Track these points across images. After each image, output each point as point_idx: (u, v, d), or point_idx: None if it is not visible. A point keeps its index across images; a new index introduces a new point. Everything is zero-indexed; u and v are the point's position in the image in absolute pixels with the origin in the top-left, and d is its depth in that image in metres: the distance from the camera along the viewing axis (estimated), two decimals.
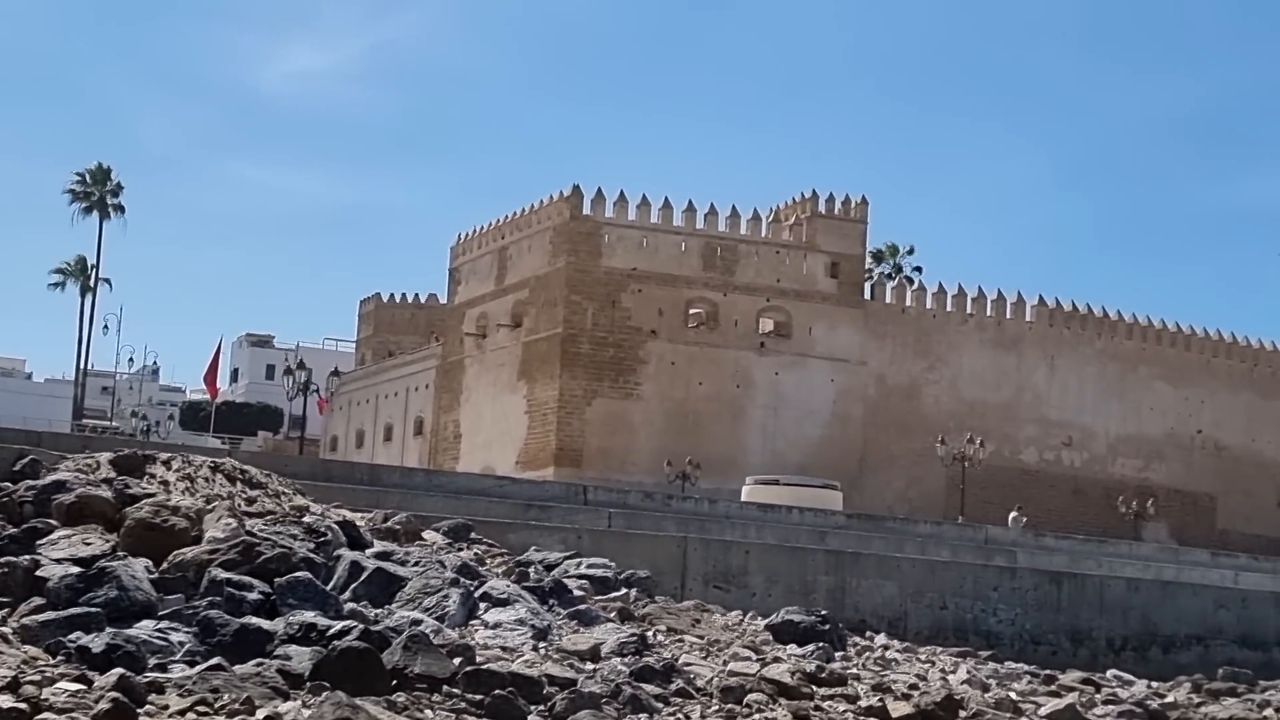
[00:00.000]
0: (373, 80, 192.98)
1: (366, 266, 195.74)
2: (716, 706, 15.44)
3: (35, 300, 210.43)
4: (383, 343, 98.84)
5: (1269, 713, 22.25)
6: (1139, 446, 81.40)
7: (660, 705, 14.99)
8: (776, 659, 18.36)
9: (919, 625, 29.65)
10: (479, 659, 15.16)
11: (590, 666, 16.01)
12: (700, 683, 16.32)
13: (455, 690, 13.90)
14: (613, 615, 19.31)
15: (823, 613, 22.22)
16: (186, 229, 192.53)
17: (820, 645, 20.11)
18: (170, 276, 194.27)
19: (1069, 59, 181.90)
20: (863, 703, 16.71)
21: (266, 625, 14.97)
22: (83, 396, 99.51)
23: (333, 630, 14.76)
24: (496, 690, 13.87)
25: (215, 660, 13.57)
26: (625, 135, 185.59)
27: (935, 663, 22.83)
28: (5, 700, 11.62)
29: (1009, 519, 58.67)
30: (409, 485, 33.27)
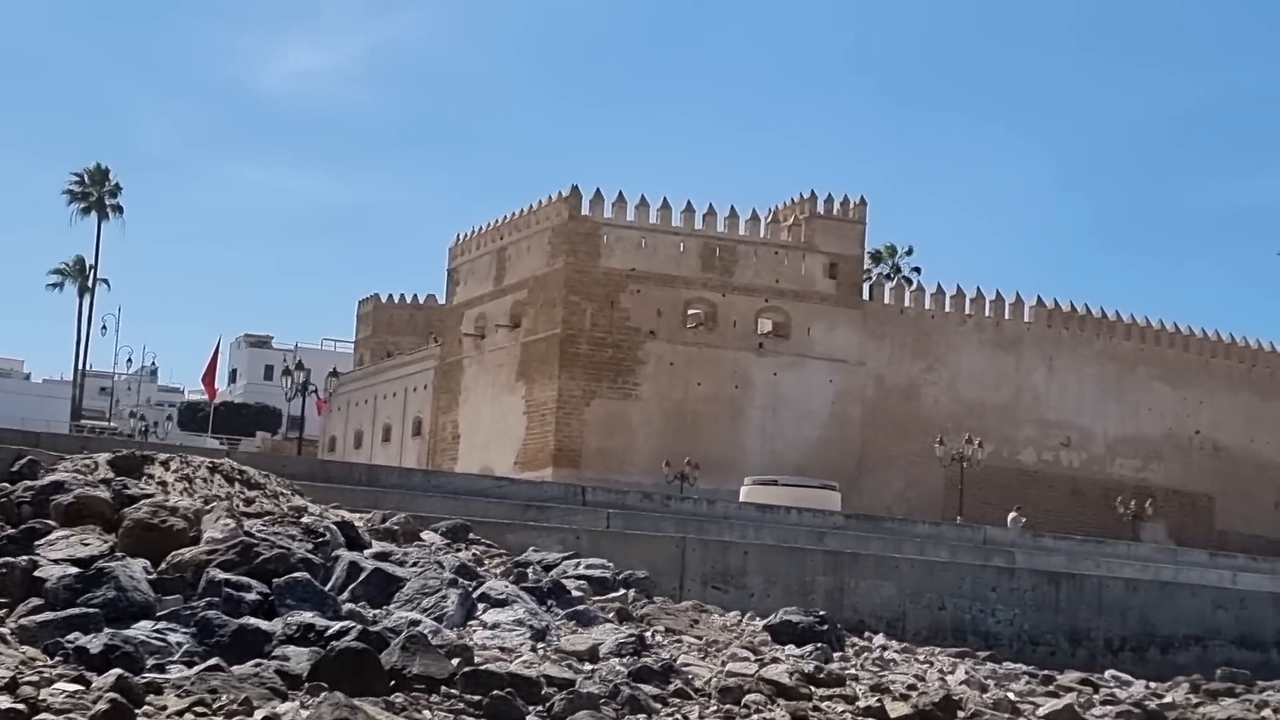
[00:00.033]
0: (372, 80, 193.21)
1: (365, 267, 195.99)
2: (715, 707, 15.43)
3: (33, 301, 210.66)
4: (381, 343, 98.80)
5: (1267, 713, 22.25)
6: (1137, 447, 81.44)
7: (658, 706, 14.98)
8: (775, 659, 18.36)
9: (917, 626, 29.64)
10: (477, 659, 15.15)
11: (588, 667, 16.00)
12: (698, 683, 16.31)
13: (453, 691, 13.90)
14: (611, 616, 19.30)
15: (821, 613, 22.21)
16: (185, 229, 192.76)
17: (818, 646, 20.10)
18: (169, 277, 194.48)
19: (1068, 59, 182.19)
20: (861, 703, 16.71)
21: (265, 626, 14.96)
22: (81, 397, 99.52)
23: (331, 631, 14.75)
24: (495, 691, 13.87)
25: (213, 661, 13.55)
26: (624, 135, 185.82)
27: (933, 663, 22.83)
28: (3, 701, 11.62)
29: (1008, 519, 58.65)
30: (407, 486, 33.26)
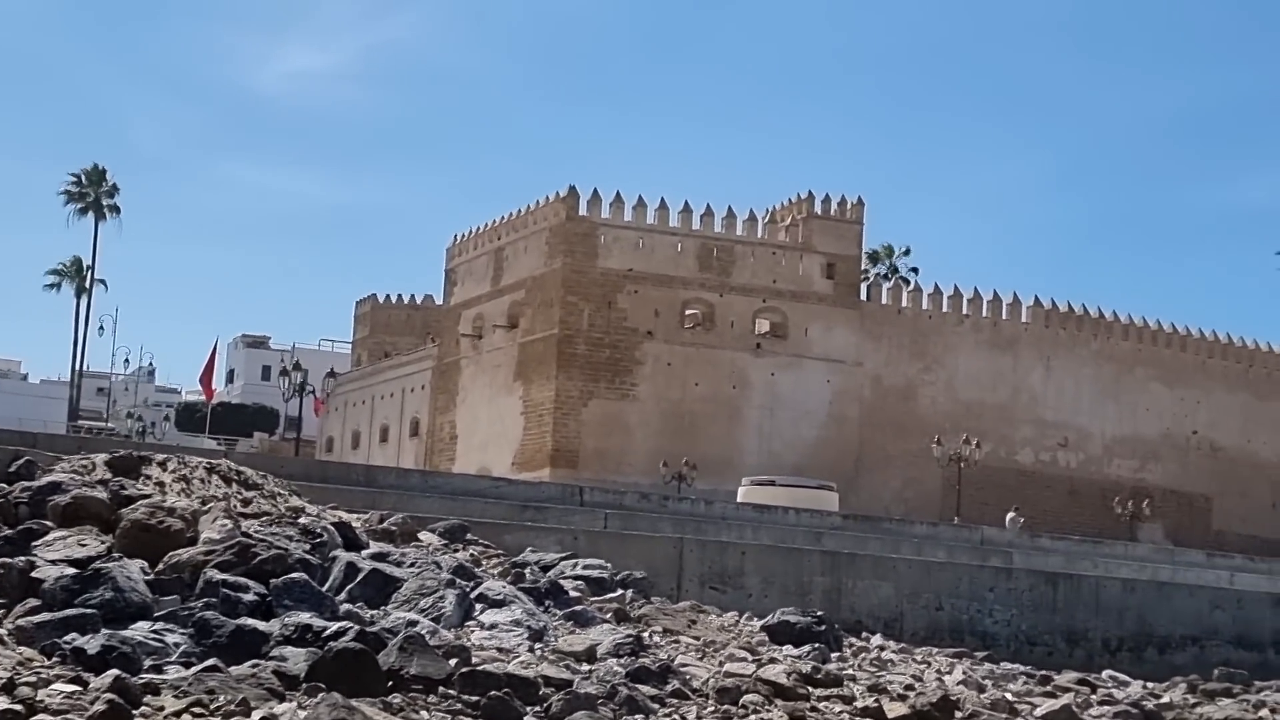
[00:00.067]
0: (369, 81, 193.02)
1: (362, 267, 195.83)
2: (712, 707, 15.45)
3: (30, 301, 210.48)
4: (379, 344, 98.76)
5: (1264, 713, 22.30)
6: (1135, 447, 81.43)
7: (656, 706, 15.00)
8: (772, 660, 18.38)
9: (915, 626, 29.69)
10: (475, 660, 15.17)
11: (586, 667, 16.03)
12: (696, 684, 16.33)
13: (451, 691, 13.92)
14: (609, 616, 19.32)
15: (819, 613, 22.25)
16: (182, 230, 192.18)
17: (816, 646, 20.13)
18: (166, 277, 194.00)
19: (1065, 59, 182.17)
20: (859, 703, 16.73)
21: (262, 626, 14.98)
22: (78, 398, 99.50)
23: (328, 631, 14.78)
24: (492, 691, 13.89)
25: (211, 662, 13.58)
26: (621, 136, 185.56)
27: (931, 663, 22.87)
28: (1, 702, 11.63)
29: (1007, 520, 58.66)
30: (405, 486, 33.31)
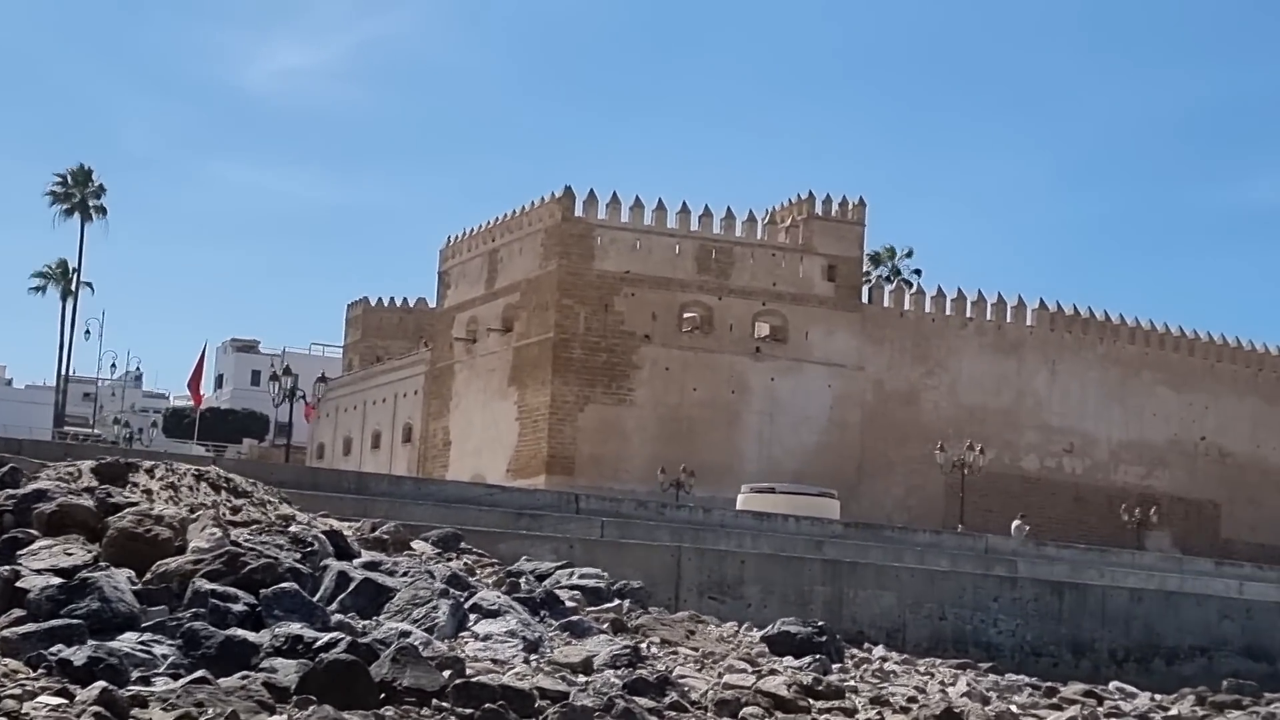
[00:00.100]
0: (360, 79, 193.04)
1: (354, 270, 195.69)
2: None
3: (15, 304, 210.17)
4: (370, 348, 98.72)
5: None
6: (1142, 453, 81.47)
7: (654, 719, 15.00)
8: (773, 671, 18.39)
9: (918, 636, 29.72)
10: (469, 671, 15.18)
11: (582, 679, 16.03)
12: (695, 696, 16.34)
13: (445, 704, 13.92)
14: (605, 627, 19.32)
15: (820, 624, 22.24)
16: (170, 231, 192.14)
17: (817, 657, 20.14)
18: (153, 280, 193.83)
19: (1071, 56, 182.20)
20: (860, 716, 16.75)
21: (252, 637, 14.98)
22: (64, 403, 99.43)
23: (320, 642, 14.77)
24: (487, 703, 13.89)
25: (200, 673, 13.57)
26: (618, 135, 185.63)
27: (934, 675, 22.88)
28: None
29: (1012, 528, 58.63)
30: (397, 494, 33.29)
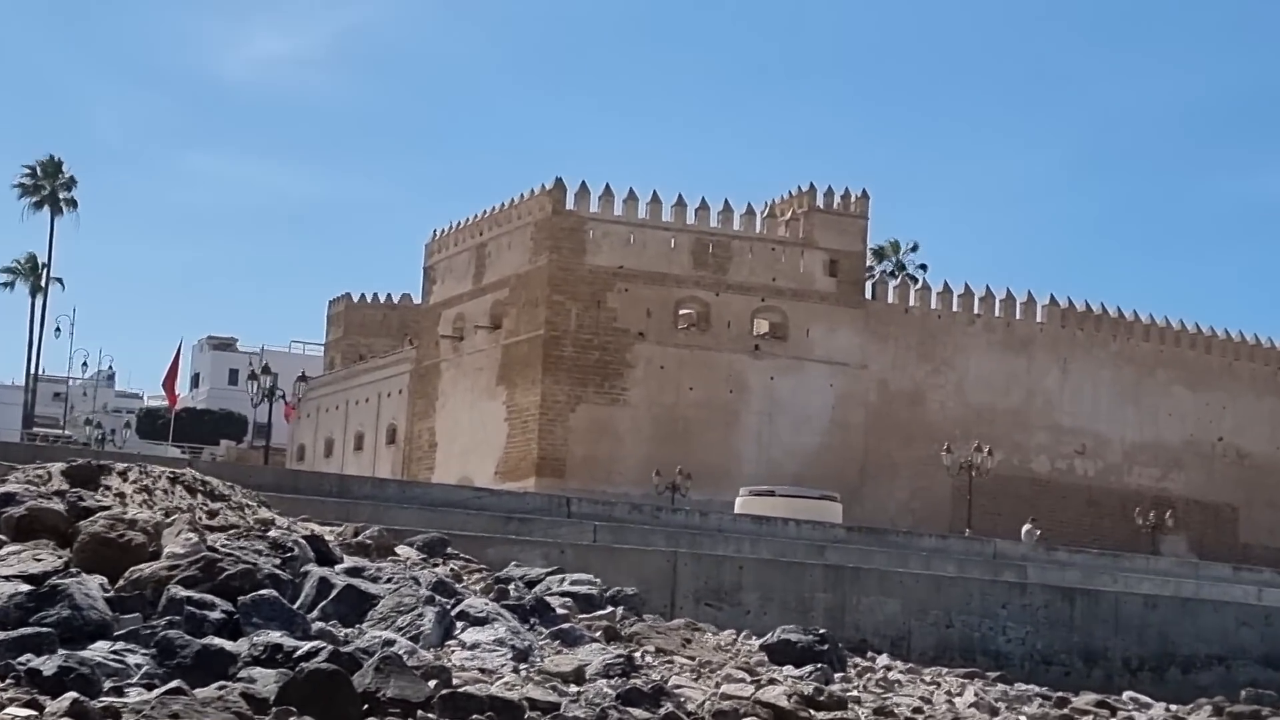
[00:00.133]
0: (341, 67, 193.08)
1: (336, 265, 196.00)
2: None
3: None
4: (353, 346, 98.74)
5: None
6: (1156, 455, 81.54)
7: None
8: (772, 681, 18.38)
9: (923, 645, 29.71)
10: (456, 681, 15.16)
11: (574, 689, 16.02)
12: (691, 706, 16.33)
13: (430, 715, 13.92)
14: (598, 635, 19.31)
15: (821, 632, 22.24)
16: (144, 225, 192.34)
17: (819, 666, 20.13)
18: (127, 276, 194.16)
19: (1081, 44, 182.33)
20: None
21: (229, 646, 14.96)
22: (33, 403, 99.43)
23: (300, 651, 14.76)
24: (474, 714, 13.89)
25: (175, 684, 13.55)
26: (611, 125, 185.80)
27: (941, 684, 22.89)
28: None
29: (1022, 532, 58.71)
30: (381, 497, 33.27)
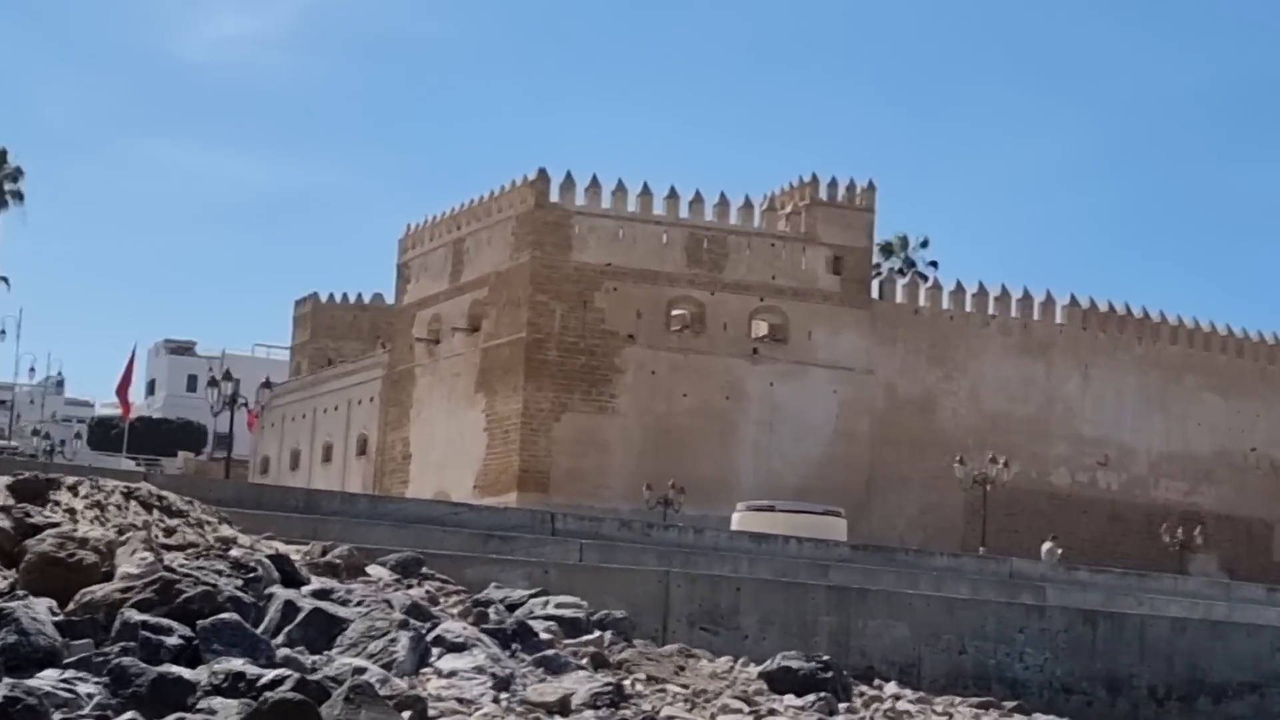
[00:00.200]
0: (309, 48, 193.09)
1: (302, 262, 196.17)
2: None
3: None
4: (320, 350, 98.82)
5: None
6: (1185, 467, 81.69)
7: None
8: (772, 711, 18.40)
9: (934, 672, 29.74)
10: (431, 712, 15.16)
11: None
12: None
13: None
14: (584, 662, 19.31)
15: (825, 658, 22.24)
16: (95, 219, 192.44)
17: (822, 695, 20.14)
18: (77, 274, 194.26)
19: (1102, 29, 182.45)
20: None
21: (188, 674, 14.94)
22: None
23: (264, 680, 14.74)
24: None
25: (129, 715, 13.55)
26: (598, 112, 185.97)
27: (953, 715, 22.92)
28: None
29: (1043, 550, 58.78)
30: (351, 513, 33.26)
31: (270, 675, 14.90)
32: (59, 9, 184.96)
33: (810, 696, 20.03)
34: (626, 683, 18.56)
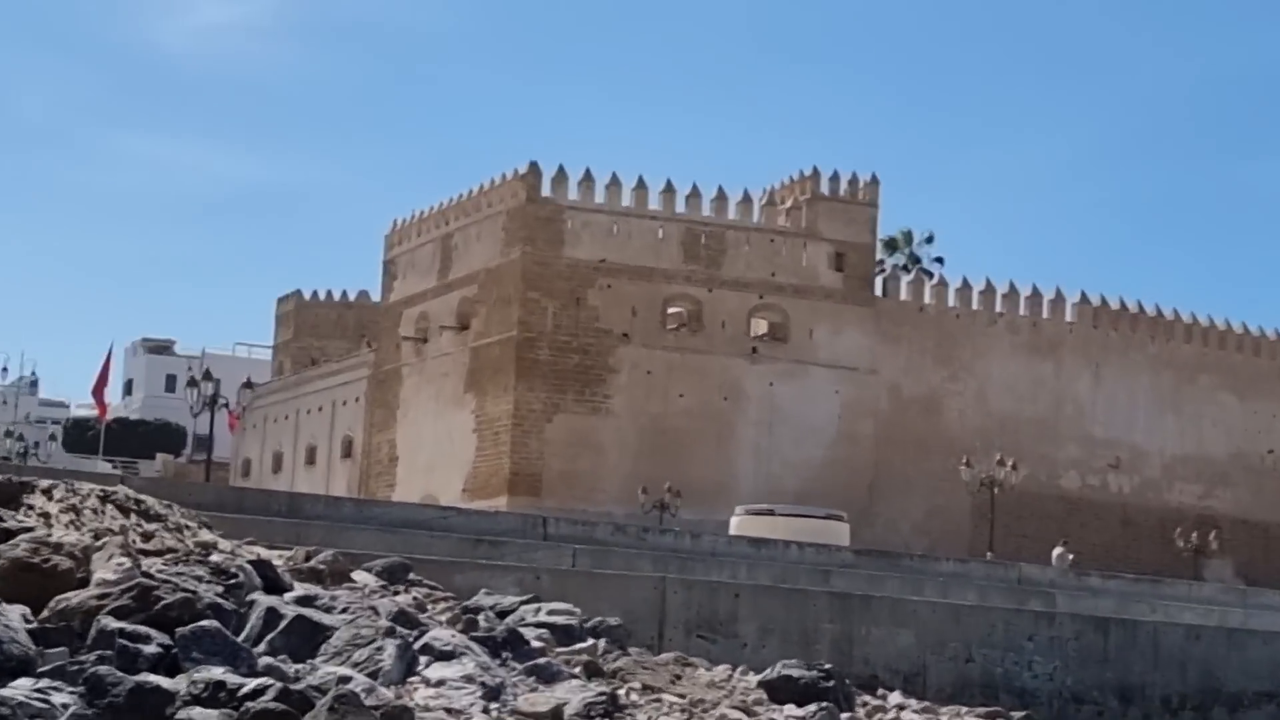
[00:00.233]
0: (293, 38, 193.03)
1: (285, 259, 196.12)
2: None
3: None
4: (304, 349, 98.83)
5: None
6: (1199, 469, 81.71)
7: None
8: None
9: (940, 681, 29.75)
10: None
11: None
12: None
13: None
14: (577, 670, 19.32)
15: (826, 666, 22.24)
16: (72, 214, 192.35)
17: (824, 705, 20.15)
18: (51, 270, 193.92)
19: (1114, 16, 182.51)
20: None
21: (166, 684, 14.95)
22: None
23: (245, 689, 14.75)
24: None
25: None
26: (591, 103, 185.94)
27: None
28: None
29: (1053, 556, 58.83)
30: (335, 517, 33.32)
31: (252, 685, 14.91)
32: None
33: (811, 707, 20.03)
34: (621, 692, 18.57)
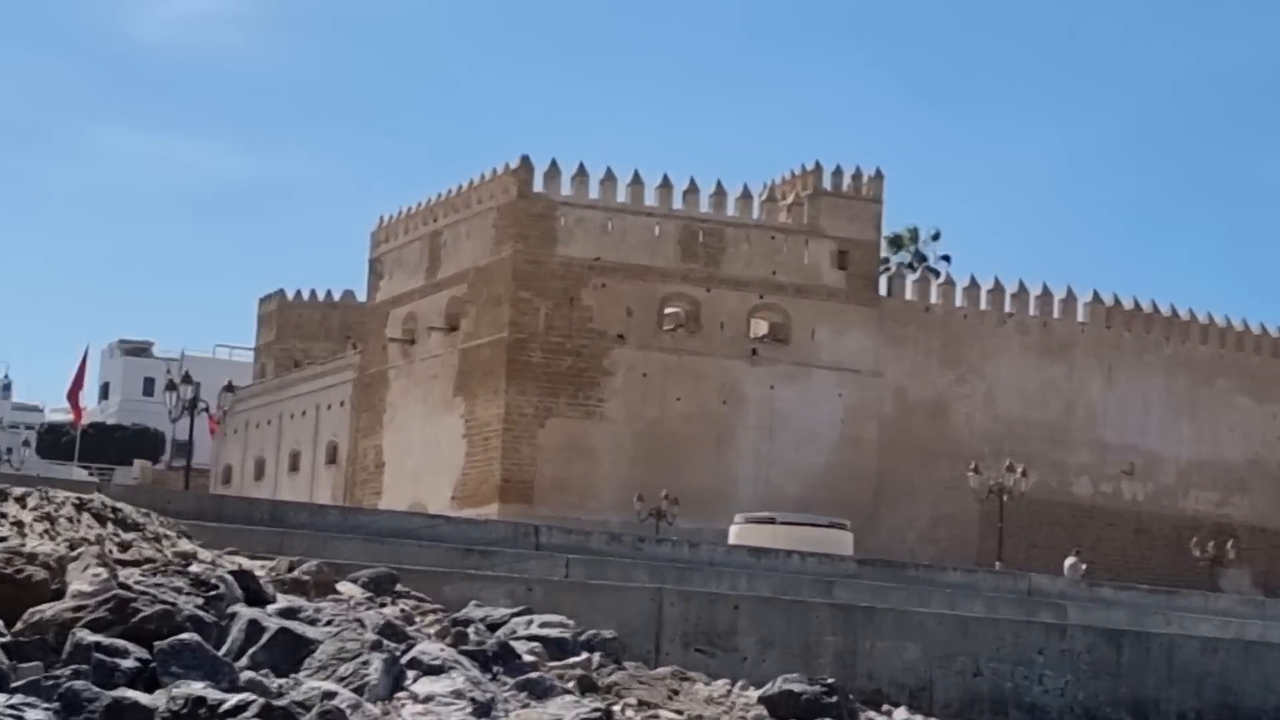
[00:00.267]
0: (276, 28, 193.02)
1: (267, 257, 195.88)
2: None
3: None
4: (287, 351, 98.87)
5: None
6: (1216, 476, 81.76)
7: None
8: None
9: (947, 696, 29.77)
10: None
11: None
12: None
13: None
14: (571, 685, 19.34)
15: (829, 681, 22.28)
16: (45, 211, 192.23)
17: None
18: (24, 270, 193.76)
19: (1123, 11, 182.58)
20: None
21: (145, 699, 14.96)
22: None
23: (227, 705, 14.76)
24: None
25: None
26: (585, 96, 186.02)
27: None
28: None
29: (1066, 566, 58.82)
30: (320, 526, 33.28)
31: (233, 700, 14.92)
32: None
33: None
34: (616, 708, 18.60)
